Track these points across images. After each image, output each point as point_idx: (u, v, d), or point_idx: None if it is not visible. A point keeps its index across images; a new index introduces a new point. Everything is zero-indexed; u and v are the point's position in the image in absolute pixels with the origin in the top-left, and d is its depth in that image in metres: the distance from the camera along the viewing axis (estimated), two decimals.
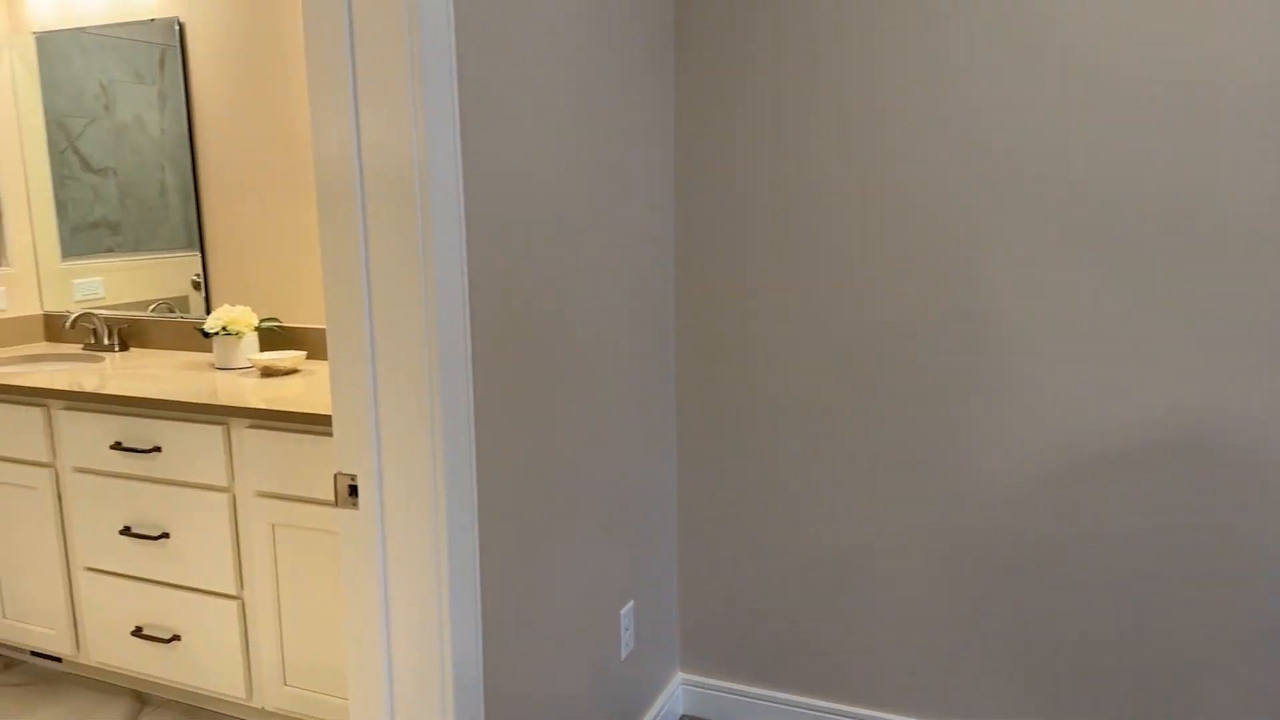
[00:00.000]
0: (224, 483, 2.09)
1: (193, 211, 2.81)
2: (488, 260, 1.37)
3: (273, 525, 2.05)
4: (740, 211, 1.98)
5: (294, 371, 2.38)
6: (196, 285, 2.89)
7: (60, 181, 2.94)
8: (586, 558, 1.74)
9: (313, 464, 1.98)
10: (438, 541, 1.28)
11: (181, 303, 2.88)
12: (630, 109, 1.80)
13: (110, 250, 2.95)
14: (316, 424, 1.94)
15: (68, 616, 2.37)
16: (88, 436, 2.23)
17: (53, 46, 2.86)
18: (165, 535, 2.18)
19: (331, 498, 1.97)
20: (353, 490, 1.33)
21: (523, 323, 1.48)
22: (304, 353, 2.42)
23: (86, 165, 2.99)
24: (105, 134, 2.94)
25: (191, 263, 2.85)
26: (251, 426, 2.04)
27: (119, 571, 2.27)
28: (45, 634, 2.41)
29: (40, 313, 2.94)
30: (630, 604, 1.93)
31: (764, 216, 1.96)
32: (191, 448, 2.11)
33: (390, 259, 1.23)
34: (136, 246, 2.94)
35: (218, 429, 2.07)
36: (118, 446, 2.18)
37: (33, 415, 2.30)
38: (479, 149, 1.33)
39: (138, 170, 2.92)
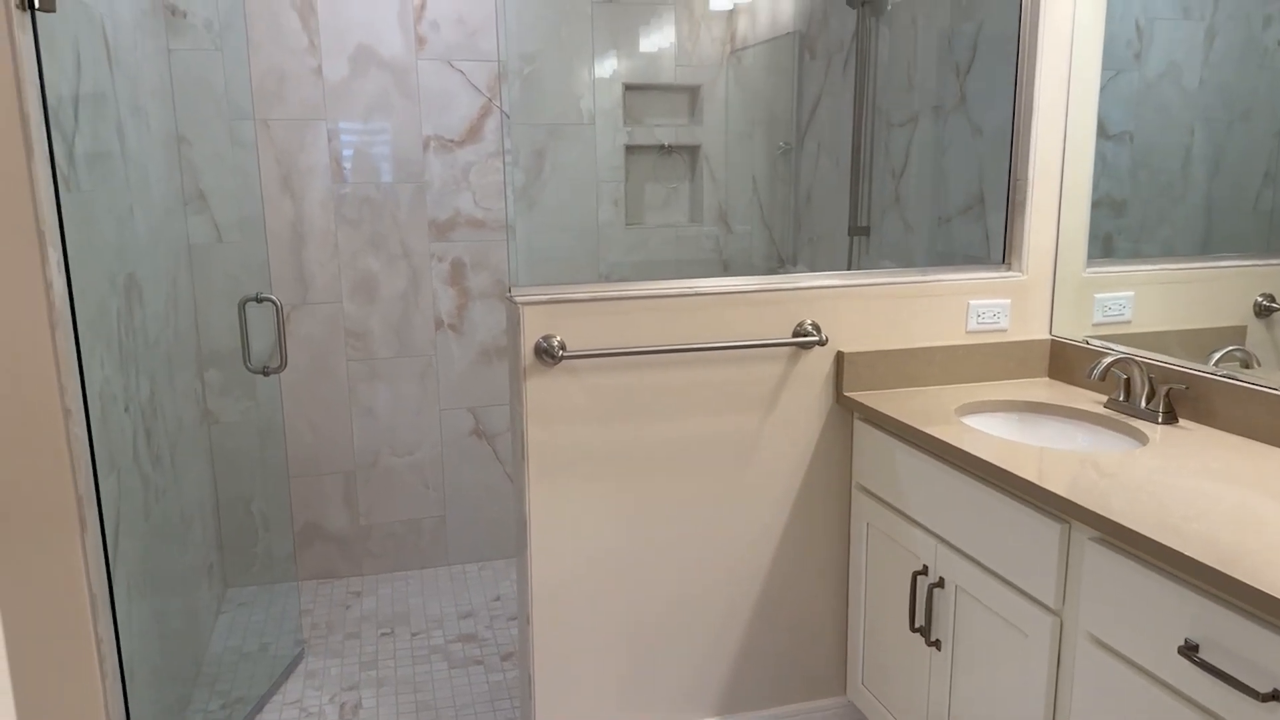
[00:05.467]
0: None
1: (1225, 193, 1.69)
2: None
3: None
4: None
5: None
6: (1264, 309, 1.74)
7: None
8: None
9: None
10: None
11: (1242, 337, 1.77)
12: None
13: (1142, 255, 2.01)
14: None
15: None
16: (1113, 599, 1.29)
17: None
18: None
19: None
20: None
21: None
22: None
23: (1101, 129, 2.08)
24: (1129, 89, 2.01)
25: (1259, 276, 1.72)
26: None
27: None
28: None
29: (1047, 337, 2.15)
30: None
31: None
32: None
33: None
34: (1141, 238, 1.97)
35: None
36: (1190, 651, 1.19)
37: (1042, 527, 1.47)
38: None
39: (1157, 134, 1.94)
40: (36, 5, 1.53)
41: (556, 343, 1.86)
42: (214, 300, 2.87)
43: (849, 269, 2.87)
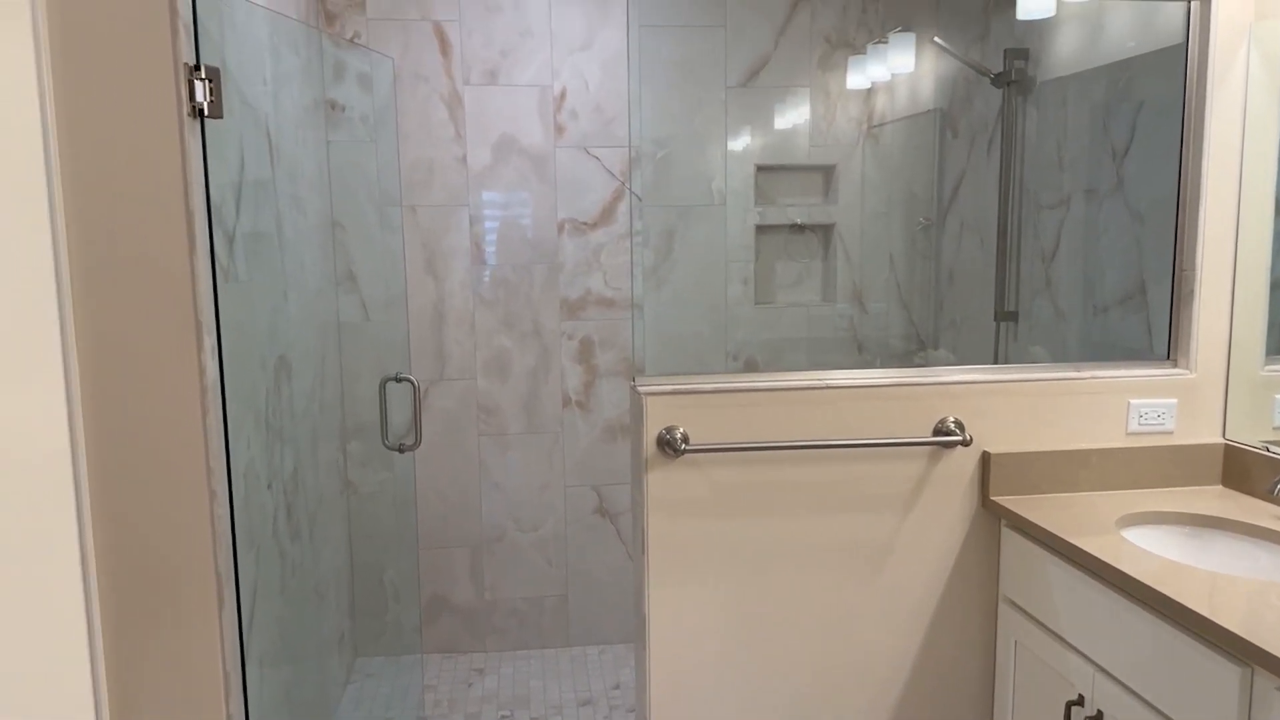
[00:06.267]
0: None
1: None
2: None
3: None
4: None
5: None
6: None
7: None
8: None
9: None
10: None
11: None
12: None
13: None
14: None
15: None
16: None
17: None
18: None
19: None
20: None
21: None
22: None
23: (1277, 208, 1.89)
24: None
25: None
26: None
27: None
28: None
29: (1220, 442, 1.94)
30: None
31: None
32: None
33: None
34: None
35: None
36: None
37: (1218, 668, 1.30)
38: None
39: None
40: (205, 113, 1.65)
41: (679, 435, 1.82)
42: (360, 374, 3.00)
43: (995, 355, 2.72)
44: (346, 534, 3.01)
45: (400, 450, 2.50)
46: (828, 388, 1.87)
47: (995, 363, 2.68)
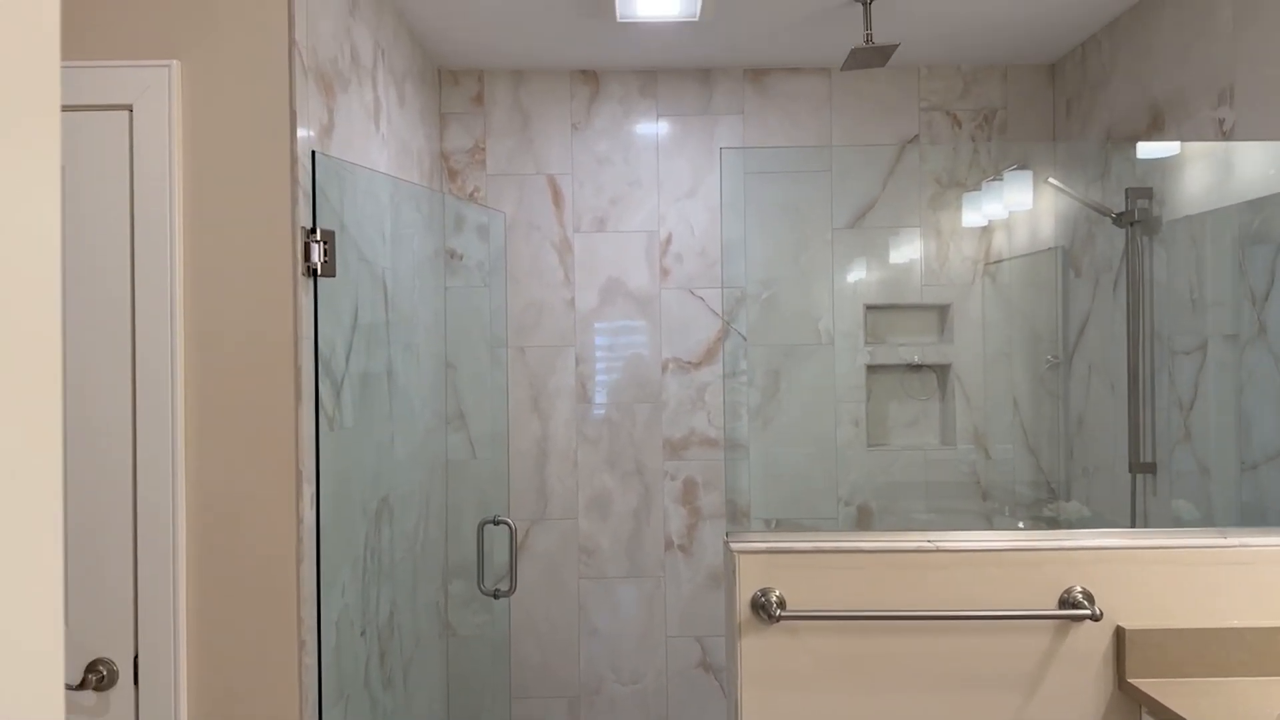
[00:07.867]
0: None
1: None
2: None
3: None
4: None
5: None
6: None
7: None
8: None
9: None
10: None
11: None
12: None
13: None
14: None
15: None
16: None
17: None
18: None
19: None
20: None
21: None
22: None
23: None
24: None
25: None
26: None
27: None
28: None
29: None
30: None
31: None
32: None
33: None
34: None
35: None
36: None
37: None
38: None
39: None
40: (319, 272, 1.74)
41: (775, 599, 1.71)
42: (464, 511, 3.01)
43: (1133, 511, 2.49)
44: (444, 679, 2.96)
45: (495, 596, 2.47)
46: (939, 550, 1.74)
47: (1133, 519, 2.45)
